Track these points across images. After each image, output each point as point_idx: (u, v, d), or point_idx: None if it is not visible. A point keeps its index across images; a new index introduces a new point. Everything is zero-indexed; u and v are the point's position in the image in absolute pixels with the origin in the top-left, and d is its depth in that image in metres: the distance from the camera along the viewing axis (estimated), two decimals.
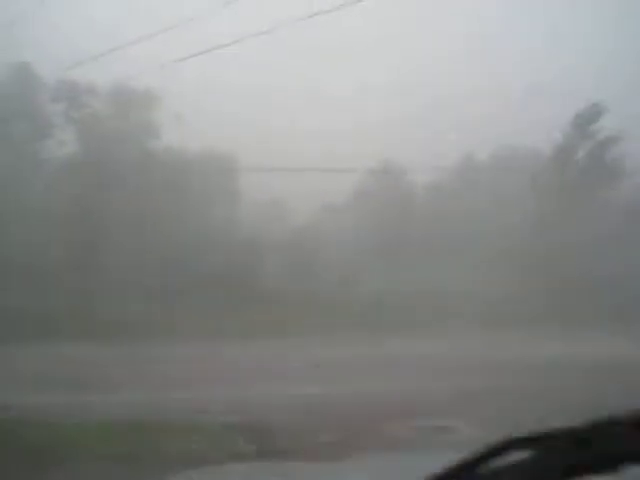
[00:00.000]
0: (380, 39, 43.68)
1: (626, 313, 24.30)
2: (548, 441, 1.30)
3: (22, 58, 31.83)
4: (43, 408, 9.76)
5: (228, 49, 12.64)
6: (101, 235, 30.38)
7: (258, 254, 32.25)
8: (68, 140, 34.38)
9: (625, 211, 33.58)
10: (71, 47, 27.24)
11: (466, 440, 8.86)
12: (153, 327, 22.37)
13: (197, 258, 29.64)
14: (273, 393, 12.28)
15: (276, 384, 13.12)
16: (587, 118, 35.29)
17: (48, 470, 7.28)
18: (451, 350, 18.36)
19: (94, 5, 39.44)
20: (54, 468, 7.34)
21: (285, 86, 38.51)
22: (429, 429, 9.95)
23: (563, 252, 31.90)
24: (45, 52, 31.23)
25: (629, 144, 34.30)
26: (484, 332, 22.31)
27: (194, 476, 7.56)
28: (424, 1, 41.29)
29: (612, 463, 1.27)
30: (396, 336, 21.06)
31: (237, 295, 27.58)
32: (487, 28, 44.71)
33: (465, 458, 1.31)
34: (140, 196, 30.56)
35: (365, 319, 25.22)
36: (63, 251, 28.67)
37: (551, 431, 1.30)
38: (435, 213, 36.22)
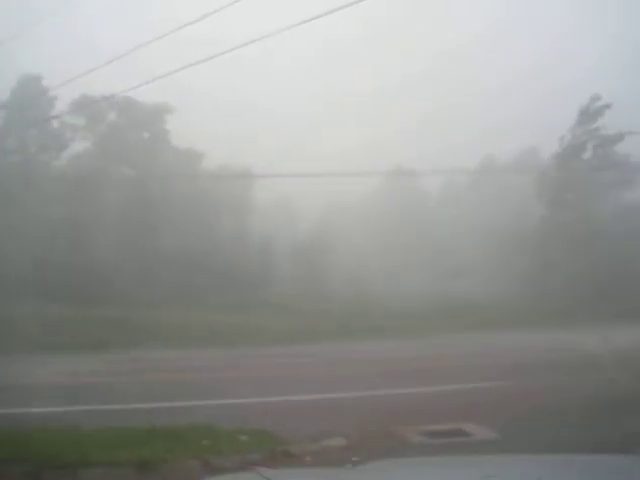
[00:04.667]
0: (392, 39, 43.88)
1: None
2: None
3: (29, 70, 32.50)
4: None
5: (230, 55, 12.88)
6: (120, 242, 30.97)
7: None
8: (84, 151, 35.03)
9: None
10: (68, 61, 27.57)
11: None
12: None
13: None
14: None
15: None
16: (592, 113, 34.59)
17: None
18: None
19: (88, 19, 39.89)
20: None
21: (292, 90, 38.72)
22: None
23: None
24: (46, 65, 31.61)
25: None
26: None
27: None
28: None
29: None
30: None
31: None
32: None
33: None
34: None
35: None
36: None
37: None
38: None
